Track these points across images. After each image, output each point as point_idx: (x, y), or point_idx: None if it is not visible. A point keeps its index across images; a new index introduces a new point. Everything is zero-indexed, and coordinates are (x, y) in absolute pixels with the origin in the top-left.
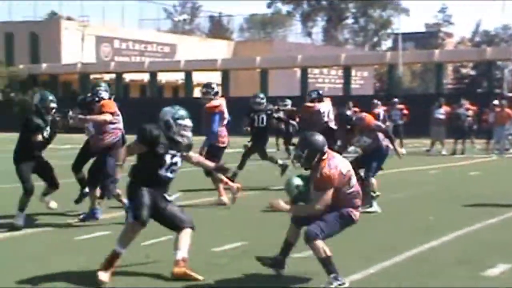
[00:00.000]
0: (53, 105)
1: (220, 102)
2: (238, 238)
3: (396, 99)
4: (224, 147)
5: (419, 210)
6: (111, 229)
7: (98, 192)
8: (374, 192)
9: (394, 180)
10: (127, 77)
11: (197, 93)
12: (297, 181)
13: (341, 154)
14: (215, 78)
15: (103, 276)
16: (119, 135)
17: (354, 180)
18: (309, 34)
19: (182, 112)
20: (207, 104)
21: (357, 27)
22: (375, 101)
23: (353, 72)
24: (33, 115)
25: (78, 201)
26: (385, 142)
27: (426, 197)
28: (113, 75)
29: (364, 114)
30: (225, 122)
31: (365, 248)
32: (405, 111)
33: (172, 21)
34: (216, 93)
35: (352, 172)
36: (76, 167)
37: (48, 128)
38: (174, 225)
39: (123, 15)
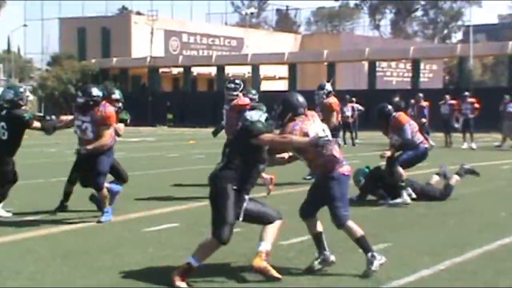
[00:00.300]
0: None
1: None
2: (305, 232)
3: (467, 93)
4: None
5: (490, 206)
6: (177, 221)
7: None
8: (403, 182)
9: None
10: (195, 70)
11: (264, 86)
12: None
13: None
14: (282, 71)
15: (181, 284)
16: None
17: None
18: (377, 27)
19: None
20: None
21: (427, 19)
22: (420, 94)
23: (422, 65)
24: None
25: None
26: (424, 144)
27: (498, 192)
28: (181, 69)
29: (397, 114)
30: None
31: (435, 244)
32: (476, 105)
33: (240, 14)
34: (243, 89)
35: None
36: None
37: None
38: (264, 222)
39: (191, 9)
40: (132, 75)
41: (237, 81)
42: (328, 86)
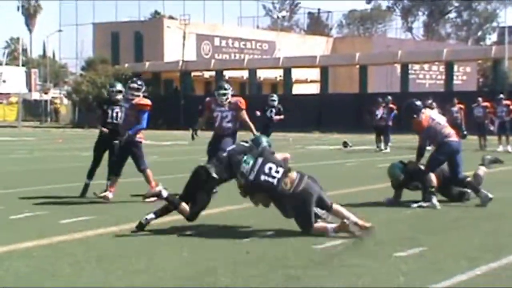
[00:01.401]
0: None
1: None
2: (338, 236)
3: (501, 95)
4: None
5: None
6: (212, 225)
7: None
8: (432, 188)
9: (500, 178)
10: (227, 74)
11: (296, 89)
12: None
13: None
14: (313, 74)
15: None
16: None
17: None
18: (409, 29)
19: None
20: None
21: (460, 21)
22: (455, 100)
23: (455, 68)
24: None
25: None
26: (451, 137)
27: None
28: (213, 73)
29: (421, 116)
30: None
31: (471, 248)
32: None
33: (271, 18)
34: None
35: None
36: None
37: None
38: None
39: (223, 13)
40: (164, 79)
41: (139, 82)
42: None
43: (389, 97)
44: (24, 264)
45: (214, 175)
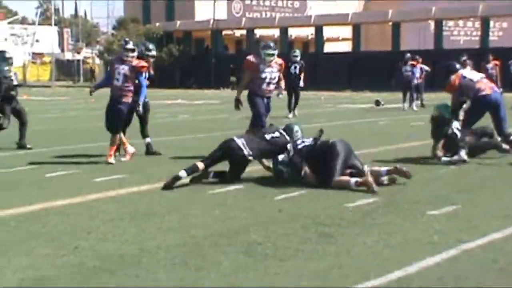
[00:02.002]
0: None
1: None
2: (371, 194)
3: None
4: None
5: None
6: (242, 183)
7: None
8: (463, 142)
9: None
10: (258, 32)
11: (327, 48)
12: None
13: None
14: (345, 32)
15: None
16: None
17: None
18: None
19: None
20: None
21: None
22: (490, 56)
23: (491, 24)
24: None
25: None
26: (485, 91)
27: None
28: (244, 31)
29: (453, 77)
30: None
31: (505, 206)
32: None
33: None
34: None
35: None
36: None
37: None
38: None
39: None
40: (195, 38)
41: (133, 44)
42: None
43: (408, 54)
44: (60, 221)
45: (246, 153)
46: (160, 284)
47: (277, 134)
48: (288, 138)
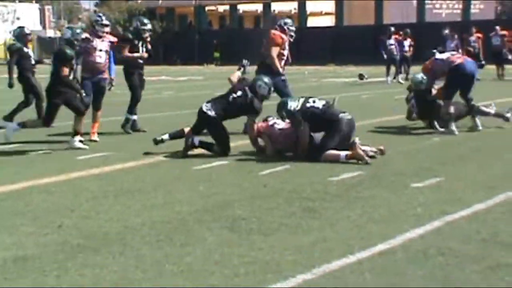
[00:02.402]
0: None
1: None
2: (355, 168)
3: None
4: None
5: None
6: (227, 159)
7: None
8: (449, 115)
9: None
10: (241, 8)
11: (310, 22)
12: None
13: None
14: (328, 7)
15: None
16: None
17: None
18: None
19: None
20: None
21: None
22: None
23: None
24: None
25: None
26: (459, 61)
27: None
28: (227, 7)
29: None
30: None
31: (489, 178)
32: None
33: None
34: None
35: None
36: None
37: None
38: None
39: None
40: (178, 14)
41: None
42: None
43: (392, 28)
44: (43, 199)
45: (211, 114)
46: (144, 260)
47: (239, 93)
48: (249, 95)
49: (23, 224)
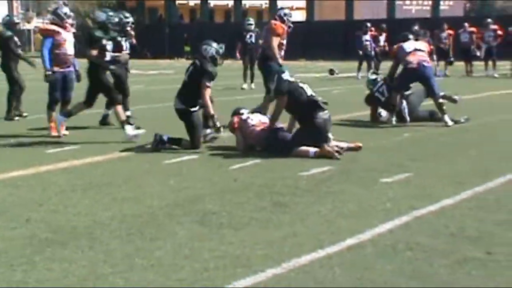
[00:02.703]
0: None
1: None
2: (325, 163)
3: (489, 20)
4: None
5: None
6: (197, 153)
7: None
8: (393, 106)
9: (486, 103)
10: (212, 2)
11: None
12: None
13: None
14: (300, 2)
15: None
16: None
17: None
18: None
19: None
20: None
21: None
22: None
23: None
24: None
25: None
26: (411, 64)
27: None
28: (198, 1)
29: (394, 48)
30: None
31: (457, 173)
32: (499, 32)
33: None
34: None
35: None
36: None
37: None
38: None
39: None
40: (148, 7)
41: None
42: None
43: (369, 24)
44: (10, 193)
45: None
46: (114, 254)
47: (190, 67)
48: (198, 62)
49: None
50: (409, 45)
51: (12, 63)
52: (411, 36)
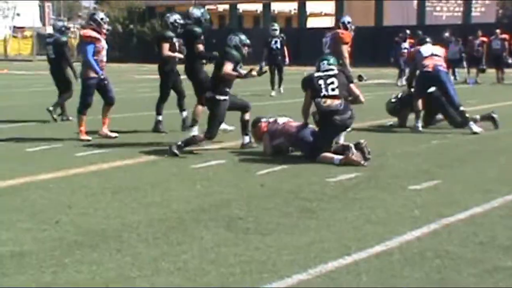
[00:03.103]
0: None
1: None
2: (353, 169)
3: None
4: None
5: None
6: (225, 158)
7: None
8: (418, 111)
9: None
10: (241, 7)
11: (310, 23)
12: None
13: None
14: (328, 8)
15: None
16: None
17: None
18: None
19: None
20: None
21: None
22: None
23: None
24: None
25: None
26: (427, 68)
27: None
28: (227, 6)
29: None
30: None
31: (487, 181)
32: None
33: None
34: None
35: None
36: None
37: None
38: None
39: None
40: (178, 12)
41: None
42: None
43: (408, 31)
44: (41, 195)
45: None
46: (141, 258)
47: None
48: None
49: (19, 220)
50: (426, 49)
51: (64, 68)
52: (428, 39)
